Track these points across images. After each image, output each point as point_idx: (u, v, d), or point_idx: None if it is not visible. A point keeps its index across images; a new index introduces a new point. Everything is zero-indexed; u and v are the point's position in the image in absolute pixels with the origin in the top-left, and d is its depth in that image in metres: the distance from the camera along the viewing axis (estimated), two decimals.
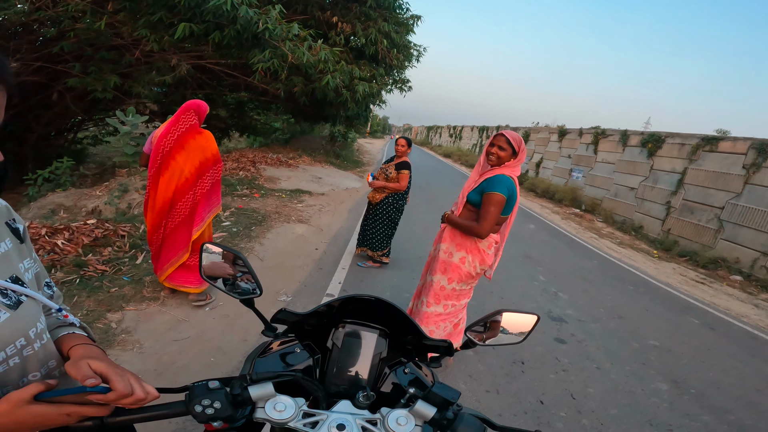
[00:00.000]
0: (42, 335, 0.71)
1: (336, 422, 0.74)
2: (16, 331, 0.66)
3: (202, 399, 0.71)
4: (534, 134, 19.93)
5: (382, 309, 1.02)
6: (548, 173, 17.51)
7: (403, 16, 10.77)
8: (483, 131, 28.66)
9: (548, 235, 8.70)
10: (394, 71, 11.80)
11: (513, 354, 3.30)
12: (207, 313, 3.17)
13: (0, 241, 0.69)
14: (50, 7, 5.83)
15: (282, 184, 8.94)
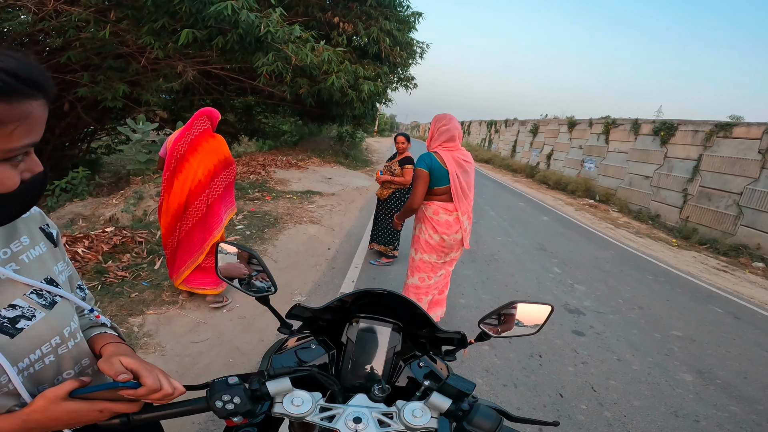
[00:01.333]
0: (75, 334, 0.74)
1: (352, 415, 0.76)
2: (52, 329, 0.69)
3: (222, 395, 0.72)
4: (543, 126, 19.73)
5: (394, 303, 1.03)
6: (559, 165, 17.33)
7: (404, 14, 10.74)
8: (491, 125, 28.46)
9: (562, 227, 8.60)
10: (399, 69, 11.78)
11: (530, 347, 3.27)
12: (224, 315, 3.21)
13: (35, 244, 0.73)
14: (53, 18, 5.92)
15: (292, 185, 8.99)
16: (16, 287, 0.66)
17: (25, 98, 0.54)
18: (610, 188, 13.35)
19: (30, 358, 0.66)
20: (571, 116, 17.13)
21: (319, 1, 9.45)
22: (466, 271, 4.90)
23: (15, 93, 0.53)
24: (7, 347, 0.63)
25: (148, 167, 4.79)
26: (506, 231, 7.41)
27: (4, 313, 0.64)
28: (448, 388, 0.77)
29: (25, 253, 0.70)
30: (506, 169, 21.38)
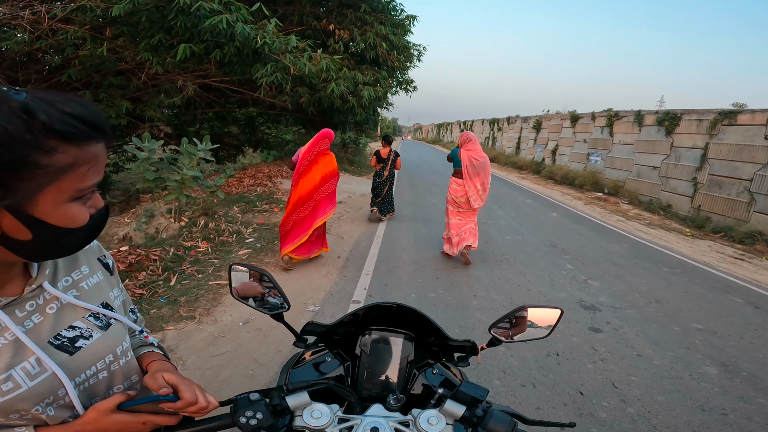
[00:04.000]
0: (127, 353, 0.81)
1: (370, 426, 0.77)
2: (106, 348, 0.76)
3: (246, 411, 0.75)
4: (546, 122, 19.69)
5: (405, 314, 1.06)
6: (565, 159, 17.26)
7: (399, 18, 10.82)
8: (494, 123, 28.45)
9: (572, 222, 8.55)
10: (397, 73, 11.85)
11: (547, 346, 3.25)
12: (241, 328, 3.24)
13: (93, 273, 0.81)
14: (50, 36, 6.02)
15: None
16: (76, 311, 0.74)
17: (93, 142, 0.59)
18: (618, 180, 13.25)
19: (86, 373, 0.73)
20: (573, 110, 17.12)
21: (314, 10, 9.53)
22: (477, 272, 4.88)
23: (85, 137, 0.58)
24: (67, 364, 0.69)
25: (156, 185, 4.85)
26: (515, 229, 7.38)
27: (64, 333, 0.71)
28: (461, 395, 0.78)
29: (84, 281, 0.78)
30: (512, 166, 21.32)
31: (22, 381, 0.65)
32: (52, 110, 0.55)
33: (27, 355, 0.67)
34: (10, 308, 0.67)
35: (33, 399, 0.66)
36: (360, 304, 3.82)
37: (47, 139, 0.55)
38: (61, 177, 0.57)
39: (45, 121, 0.54)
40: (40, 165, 0.55)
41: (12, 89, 0.56)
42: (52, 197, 0.57)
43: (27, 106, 0.54)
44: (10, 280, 0.68)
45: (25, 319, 0.68)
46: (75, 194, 0.59)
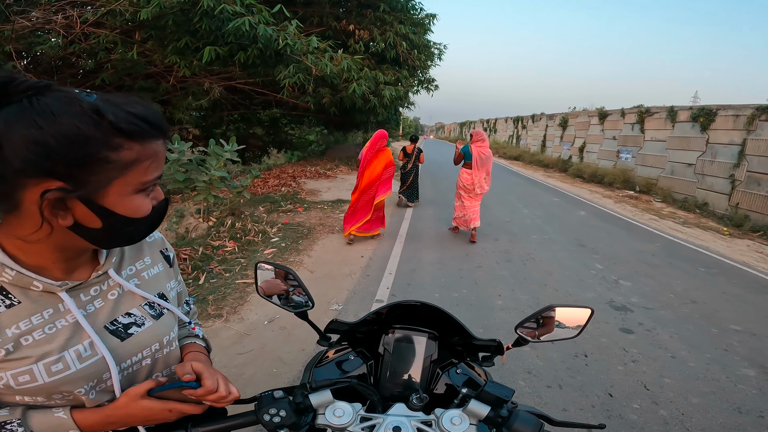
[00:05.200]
0: (172, 343, 0.85)
1: (392, 425, 0.77)
2: (155, 336, 0.80)
3: (270, 408, 0.77)
4: (572, 119, 19.29)
5: (429, 312, 1.05)
6: (593, 157, 16.87)
7: (418, 17, 10.81)
8: (518, 122, 28.06)
9: (601, 221, 8.36)
10: (418, 72, 11.85)
11: (575, 347, 3.20)
12: (266, 327, 3.32)
13: (154, 264, 0.86)
14: (83, 40, 6.29)
15: (323, 195, 9.17)
16: (134, 299, 0.79)
17: (153, 139, 0.65)
18: (651, 178, 12.85)
19: (132, 359, 0.77)
20: (601, 107, 16.74)
21: (333, 11, 9.63)
22: (502, 272, 4.85)
23: (147, 135, 0.63)
24: (117, 349, 0.74)
25: (186, 186, 5.03)
26: (541, 228, 7.27)
27: (120, 320, 0.76)
28: (486, 395, 0.78)
29: (146, 271, 0.84)
30: (537, 164, 20.96)
31: (72, 363, 0.69)
32: (119, 111, 0.61)
33: (82, 338, 0.71)
34: (75, 292, 0.72)
35: (78, 382, 0.70)
36: (383, 302, 3.85)
37: (114, 137, 0.60)
38: (127, 171, 0.63)
39: (112, 120, 0.60)
40: (109, 160, 0.60)
41: (83, 91, 0.61)
42: (118, 189, 0.63)
43: (96, 107, 0.59)
44: (80, 266, 0.74)
45: (87, 303, 0.73)
46: (139, 187, 0.65)
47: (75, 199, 0.61)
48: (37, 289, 0.68)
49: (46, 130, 0.56)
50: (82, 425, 0.71)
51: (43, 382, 0.68)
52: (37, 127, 0.56)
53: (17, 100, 0.58)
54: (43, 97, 0.58)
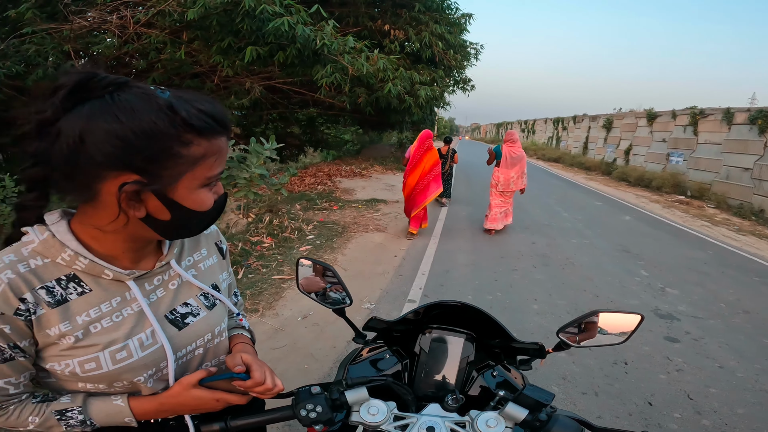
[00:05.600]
0: (222, 333, 0.88)
1: (425, 425, 0.78)
2: (208, 326, 0.83)
3: (306, 403, 0.79)
4: (618, 120, 18.67)
5: (467, 313, 1.05)
6: (640, 160, 16.26)
7: (454, 16, 10.78)
8: (558, 123, 27.38)
9: (648, 226, 8.06)
10: (454, 72, 11.82)
11: (614, 354, 3.15)
12: (300, 323, 3.43)
13: (210, 256, 0.89)
14: (135, 40, 6.69)
15: (357, 194, 9.35)
16: (191, 289, 0.82)
17: (219, 136, 0.68)
18: (704, 182, 12.24)
19: (186, 349, 0.79)
20: (650, 108, 16.09)
21: (368, 11, 9.77)
22: (538, 276, 4.80)
23: (214, 132, 0.66)
24: (175, 338, 0.77)
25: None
26: (581, 233, 7.11)
27: (179, 309, 0.79)
28: (524, 398, 0.77)
29: (202, 262, 0.87)
30: (578, 167, 20.37)
31: (135, 351, 0.72)
32: (190, 107, 0.63)
33: (145, 326, 0.74)
34: (141, 281, 0.75)
35: (139, 370, 0.73)
36: (416, 303, 3.91)
37: (186, 133, 0.63)
38: (195, 166, 0.65)
39: (185, 117, 0.62)
40: (180, 155, 0.63)
41: (158, 88, 0.64)
42: (187, 184, 0.66)
43: (171, 104, 0.62)
44: (145, 256, 0.77)
45: (150, 293, 0.76)
46: (204, 182, 0.68)
47: (149, 192, 0.64)
48: (107, 277, 0.71)
49: (127, 125, 0.59)
50: (136, 413, 0.74)
51: (107, 370, 0.70)
52: (119, 122, 0.59)
53: (99, 96, 0.60)
54: (122, 93, 0.61)
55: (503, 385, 1.02)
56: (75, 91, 0.60)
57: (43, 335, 0.67)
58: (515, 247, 5.96)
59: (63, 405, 0.72)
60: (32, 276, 0.66)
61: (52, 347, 0.69)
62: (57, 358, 0.69)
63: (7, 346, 0.66)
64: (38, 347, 0.69)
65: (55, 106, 0.60)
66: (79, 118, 0.59)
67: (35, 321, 0.66)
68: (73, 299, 0.69)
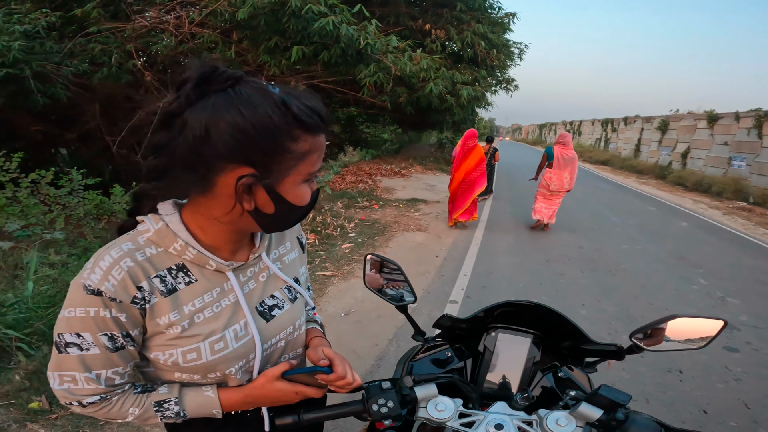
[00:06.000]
0: (301, 327, 0.89)
1: (494, 422, 0.79)
2: (291, 319, 0.85)
3: (378, 398, 0.79)
4: (674, 122, 17.85)
5: (535, 313, 1.05)
6: (699, 164, 15.49)
7: (497, 15, 10.70)
8: (607, 124, 26.44)
9: (707, 233, 7.69)
10: (497, 72, 11.72)
11: (668, 362, 3.07)
12: (342, 319, 3.52)
13: (293, 249, 0.91)
14: (190, 40, 7.04)
15: (398, 194, 9.45)
16: (277, 282, 0.84)
17: (322, 133, 0.69)
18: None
19: (271, 341, 0.81)
20: (710, 110, 15.30)
21: (409, 11, 9.84)
22: (585, 281, 4.71)
23: (319, 129, 0.67)
24: (263, 330, 0.78)
25: None
26: (633, 238, 6.87)
27: (267, 301, 0.81)
28: (599, 398, 0.76)
29: (287, 256, 0.89)
30: (629, 170, 19.60)
31: (231, 342, 0.74)
32: (299, 104, 0.64)
33: (239, 317, 0.75)
34: (236, 272, 0.76)
35: (232, 361, 0.74)
36: (457, 304, 3.93)
37: (295, 129, 0.64)
38: (300, 162, 0.66)
39: (296, 113, 0.63)
40: (289, 151, 0.64)
41: (269, 84, 0.66)
42: (292, 179, 0.67)
43: (283, 99, 0.63)
44: (241, 248, 0.78)
45: (244, 284, 0.78)
46: (306, 177, 0.69)
47: (259, 186, 0.65)
48: (210, 267, 0.73)
49: (248, 119, 0.60)
50: (224, 404, 0.76)
51: (205, 360, 0.72)
52: (241, 116, 0.60)
53: (221, 89, 0.62)
54: (242, 87, 0.63)
55: (567, 386, 1.01)
56: (199, 84, 0.62)
57: (153, 324, 0.69)
58: (561, 251, 5.85)
59: (161, 396, 0.73)
60: (148, 264, 0.68)
61: (159, 336, 0.71)
62: (162, 348, 0.71)
63: (120, 334, 0.67)
64: (145, 336, 0.71)
65: (181, 98, 0.62)
66: (205, 110, 0.61)
67: (149, 309, 0.68)
68: (181, 289, 0.70)
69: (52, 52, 5.93)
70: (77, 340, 0.65)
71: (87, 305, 0.64)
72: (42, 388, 2.31)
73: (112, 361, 0.68)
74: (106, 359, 0.68)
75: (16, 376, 2.35)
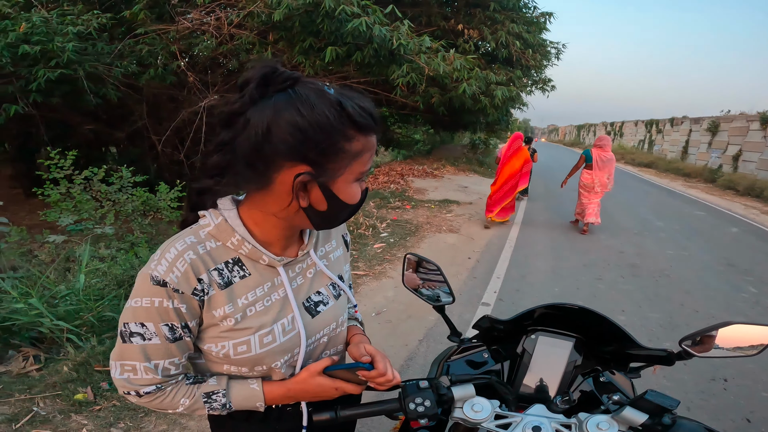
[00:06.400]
0: (344, 323, 0.91)
1: (531, 424, 0.79)
2: (334, 316, 0.87)
3: (415, 397, 0.80)
4: (725, 124, 17.08)
5: (578, 316, 1.04)
6: (751, 167, 14.79)
7: (532, 15, 10.56)
8: (651, 125, 25.51)
9: (759, 240, 7.31)
10: (533, 72, 11.56)
11: (712, 370, 2.99)
12: (374, 319, 3.58)
13: (338, 247, 0.93)
14: (229, 41, 7.30)
15: (430, 194, 9.45)
16: (323, 278, 0.86)
17: (374, 133, 0.71)
18: None
19: (315, 336, 0.83)
20: (764, 111, 14.56)
21: (441, 11, 9.84)
22: (627, 287, 4.59)
23: (371, 129, 0.70)
24: (308, 325, 0.81)
25: None
26: (679, 244, 6.62)
27: (313, 297, 0.83)
28: (645, 402, 0.75)
29: (332, 253, 0.91)
30: (675, 173, 18.82)
31: (279, 336, 0.76)
32: (353, 104, 0.66)
33: (287, 312, 0.78)
34: (286, 268, 0.79)
35: (278, 355, 0.77)
36: (490, 306, 3.93)
37: (349, 129, 0.66)
38: (353, 161, 0.69)
39: (351, 113, 0.65)
40: (344, 150, 0.66)
41: (324, 84, 0.68)
42: (345, 177, 0.69)
43: (339, 100, 0.65)
44: (291, 244, 0.81)
45: (292, 280, 0.80)
46: (358, 176, 0.71)
47: (314, 183, 0.67)
48: (263, 262, 0.76)
49: (307, 118, 0.63)
50: (267, 398, 0.78)
51: (254, 353, 0.75)
52: (301, 116, 0.63)
53: (281, 89, 0.65)
54: (300, 88, 0.65)
55: (609, 390, 1.01)
56: (261, 84, 0.65)
57: (209, 316, 0.72)
58: (601, 255, 5.71)
59: (210, 387, 0.76)
60: (208, 257, 0.71)
61: (213, 328, 0.73)
62: (215, 339, 0.74)
63: (180, 325, 0.70)
64: (201, 327, 0.74)
65: (245, 98, 0.65)
66: (267, 110, 0.64)
67: (206, 301, 0.71)
68: (236, 282, 0.73)
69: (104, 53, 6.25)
70: (141, 329, 0.69)
71: (152, 295, 0.68)
72: (88, 379, 2.39)
73: (170, 352, 0.71)
74: (165, 349, 0.71)
75: (65, 368, 2.43)
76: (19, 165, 9.21)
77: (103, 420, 2.15)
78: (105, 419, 2.16)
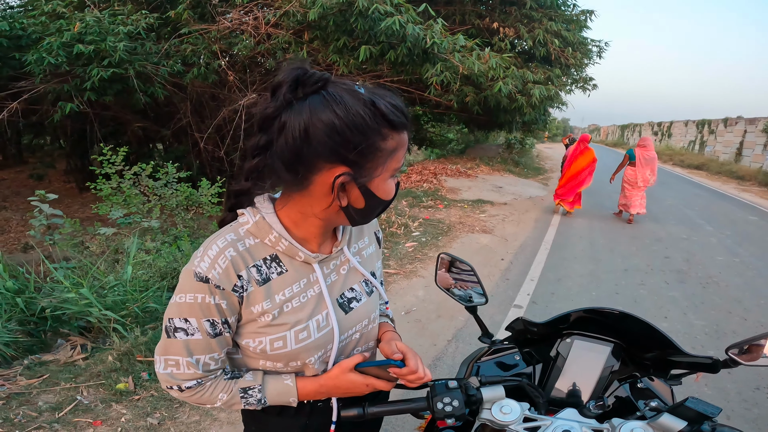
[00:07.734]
0: (375, 320, 0.92)
1: (562, 428, 0.79)
2: (366, 312, 0.88)
3: (443, 397, 0.80)
4: None
5: (617, 320, 1.01)
6: None
7: (571, 13, 10.29)
8: (702, 126, 24.24)
9: None
10: (572, 70, 11.27)
11: (757, 379, 2.88)
12: (403, 317, 3.59)
13: (370, 244, 0.94)
14: (266, 40, 7.52)
15: (463, 194, 9.38)
16: (356, 275, 0.87)
17: (406, 130, 0.72)
18: None
19: (348, 333, 0.84)
20: None
21: (475, 9, 9.73)
22: (671, 293, 4.41)
23: (404, 126, 0.71)
24: (341, 322, 0.82)
25: None
26: (731, 249, 6.30)
27: (346, 294, 0.84)
28: (685, 409, 0.74)
29: (365, 250, 0.92)
30: (728, 175, 17.83)
31: (313, 332, 0.78)
32: (385, 103, 0.68)
33: (322, 308, 0.79)
34: (321, 264, 0.80)
35: (312, 351, 0.78)
36: (522, 309, 3.88)
37: (383, 128, 0.67)
38: (388, 159, 0.70)
39: (384, 112, 0.66)
40: (380, 149, 0.68)
41: (355, 84, 0.69)
42: (381, 175, 0.71)
43: (372, 99, 0.66)
44: (326, 241, 0.82)
45: (327, 276, 0.81)
46: (392, 173, 0.73)
47: (354, 183, 0.69)
48: (299, 259, 0.77)
49: (344, 119, 0.64)
50: (300, 393, 0.80)
51: (290, 349, 0.76)
52: (337, 117, 0.64)
53: (314, 91, 0.66)
54: (332, 89, 0.66)
55: (646, 397, 0.99)
56: (294, 87, 0.66)
57: (248, 312, 0.74)
58: (644, 260, 5.51)
59: (247, 383, 0.78)
60: (248, 254, 0.74)
61: (251, 324, 0.76)
62: (253, 335, 0.76)
63: (220, 321, 0.72)
64: (240, 323, 0.77)
65: (279, 101, 0.66)
66: (302, 112, 0.65)
67: (245, 297, 0.73)
68: (273, 278, 0.75)
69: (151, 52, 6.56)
70: (185, 325, 0.72)
71: (196, 291, 0.70)
72: (131, 369, 2.46)
73: (210, 347, 0.74)
74: (206, 345, 0.73)
75: (110, 357, 2.51)
76: (74, 160, 9.82)
77: (141, 410, 2.23)
78: (143, 409, 2.23)
